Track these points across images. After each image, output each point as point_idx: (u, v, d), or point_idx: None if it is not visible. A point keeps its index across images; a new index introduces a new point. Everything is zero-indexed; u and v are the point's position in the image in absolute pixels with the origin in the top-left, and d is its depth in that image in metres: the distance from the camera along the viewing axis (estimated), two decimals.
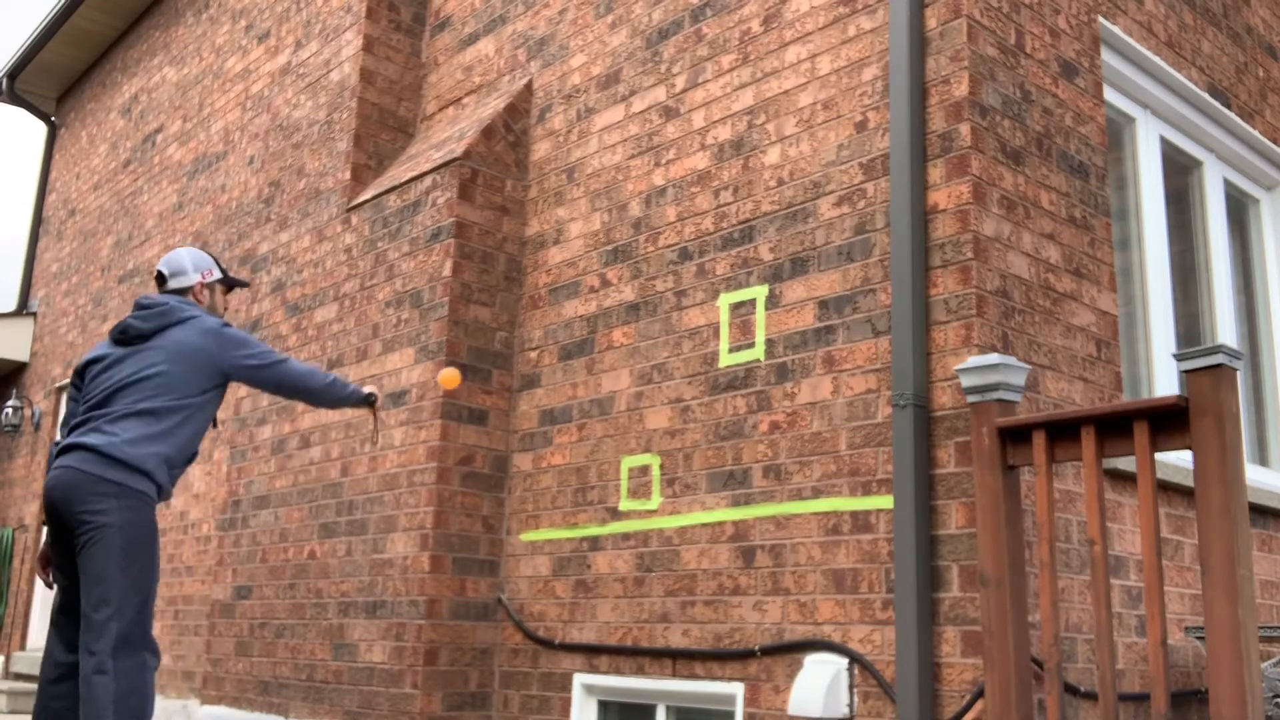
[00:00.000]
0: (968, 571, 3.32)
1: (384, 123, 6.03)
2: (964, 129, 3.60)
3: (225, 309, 4.20)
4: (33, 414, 10.46)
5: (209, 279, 4.12)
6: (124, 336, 3.85)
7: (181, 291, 4.05)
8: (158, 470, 3.66)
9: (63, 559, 3.70)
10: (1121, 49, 4.45)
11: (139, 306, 3.92)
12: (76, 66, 11.20)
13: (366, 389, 4.24)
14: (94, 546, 3.52)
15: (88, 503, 3.54)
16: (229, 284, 4.22)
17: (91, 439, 3.62)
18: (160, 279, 4.08)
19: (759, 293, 4.11)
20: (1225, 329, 4.90)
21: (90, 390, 3.80)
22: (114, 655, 3.44)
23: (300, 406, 5.71)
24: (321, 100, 6.27)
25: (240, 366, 3.89)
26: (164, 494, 3.71)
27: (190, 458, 3.84)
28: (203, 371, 3.82)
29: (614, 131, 4.89)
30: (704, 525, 4.10)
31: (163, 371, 3.74)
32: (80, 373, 3.92)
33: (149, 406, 3.69)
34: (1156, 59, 4.56)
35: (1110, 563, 3.64)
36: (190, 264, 4.09)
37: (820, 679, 3.52)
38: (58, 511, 3.61)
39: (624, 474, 4.45)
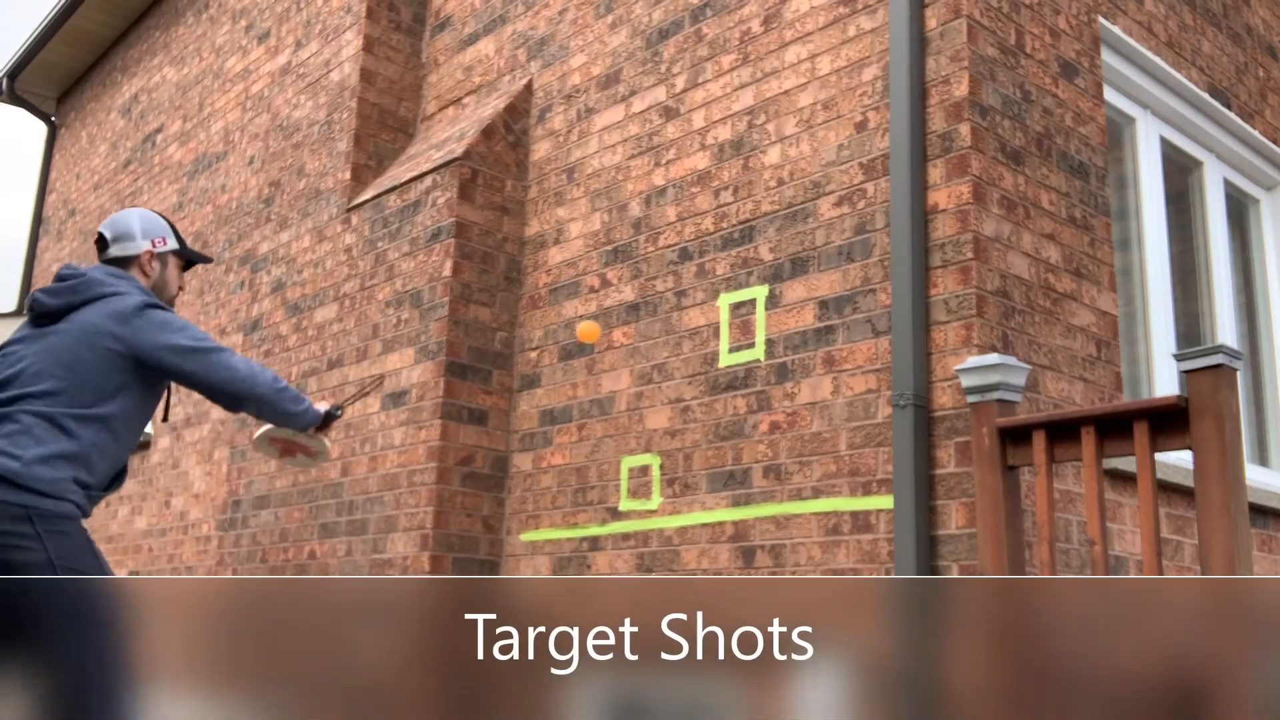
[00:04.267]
0: (968, 571, 3.31)
1: (384, 123, 6.03)
2: (964, 129, 3.60)
3: (181, 289, 3.29)
4: None
5: (160, 248, 3.18)
6: (32, 314, 3.05)
7: (124, 261, 3.14)
8: (72, 493, 2.87)
9: None
10: (1121, 49, 4.45)
11: (56, 279, 3.09)
12: (76, 66, 11.19)
13: (323, 405, 3.29)
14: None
15: (3, 535, 2.75)
16: (186, 258, 3.29)
17: None
18: (101, 243, 3.16)
19: (759, 293, 4.11)
20: (1225, 329, 4.90)
21: None
22: None
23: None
24: (321, 100, 6.27)
25: (160, 347, 2.95)
26: (83, 514, 2.93)
27: (116, 479, 3.05)
28: (112, 364, 2.94)
29: (614, 131, 4.89)
30: (704, 525, 4.10)
31: (62, 365, 2.91)
32: None
33: (50, 413, 2.87)
34: (1156, 59, 4.56)
35: (1110, 563, 3.64)
36: (139, 228, 3.17)
37: None
38: None
39: (624, 474, 4.45)
